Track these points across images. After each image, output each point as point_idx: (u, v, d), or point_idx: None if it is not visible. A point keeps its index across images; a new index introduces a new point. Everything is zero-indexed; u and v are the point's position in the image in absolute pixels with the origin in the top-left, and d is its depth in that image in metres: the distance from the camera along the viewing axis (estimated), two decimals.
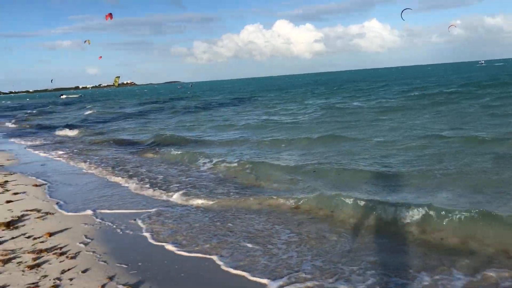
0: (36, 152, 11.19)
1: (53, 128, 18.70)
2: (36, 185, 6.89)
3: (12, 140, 14.73)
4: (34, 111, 34.46)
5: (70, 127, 17.65)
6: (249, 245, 4.04)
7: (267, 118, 16.53)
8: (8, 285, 3.26)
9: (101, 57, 39.90)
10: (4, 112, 38.19)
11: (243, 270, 3.51)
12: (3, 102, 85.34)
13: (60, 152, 10.83)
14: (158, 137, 12.46)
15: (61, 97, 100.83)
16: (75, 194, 6.43)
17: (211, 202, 5.61)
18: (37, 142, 13.54)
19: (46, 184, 7.04)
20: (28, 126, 21.46)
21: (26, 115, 29.94)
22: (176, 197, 5.95)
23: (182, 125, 16.64)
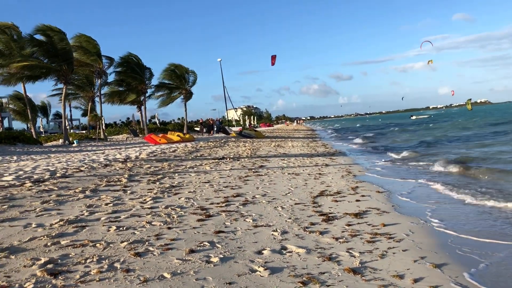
0: (382, 166, 13.34)
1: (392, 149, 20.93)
2: (379, 192, 8.66)
3: (362, 156, 17.75)
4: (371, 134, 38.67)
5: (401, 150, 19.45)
6: None
7: None
8: (335, 254, 4.89)
9: (431, 61, 41.01)
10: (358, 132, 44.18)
11: None
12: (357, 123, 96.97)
13: (402, 169, 12.56)
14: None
15: (411, 117, 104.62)
16: (410, 201, 7.84)
17: None
18: (376, 158, 15.84)
19: (386, 191, 8.74)
20: (370, 146, 24.75)
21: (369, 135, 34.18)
22: None
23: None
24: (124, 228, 5.56)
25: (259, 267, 4.21)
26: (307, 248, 4.85)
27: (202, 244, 4.92)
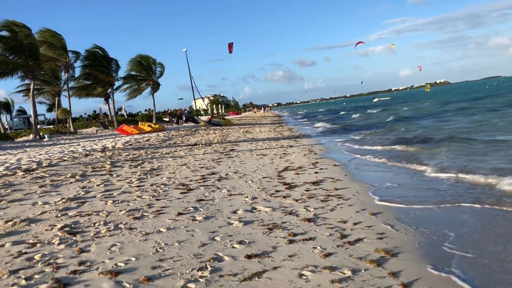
0: (340, 145, 14.73)
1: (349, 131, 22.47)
2: (335, 165, 9.93)
3: (323, 138, 19.15)
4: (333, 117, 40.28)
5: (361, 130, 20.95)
6: None
7: None
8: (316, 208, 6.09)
9: (393, 44, 43.09)
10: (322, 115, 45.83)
11: None
12: (321, 108, 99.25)
13: (355, 147, 14.00)
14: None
15: (374, 100, 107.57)
16: (359, 171, 9.17)
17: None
18: (340, 139, 17.26)
19: (341, 165, 10.03)
20: (331, 128, 26.25)
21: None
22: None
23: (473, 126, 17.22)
24: (119, 201, 6.59)
25: (235, 221, 5.35)
26: (272, 207, 6.02)
27: (187, 209, 6.02)
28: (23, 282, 3.56)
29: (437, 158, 10.10)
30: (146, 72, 43.91)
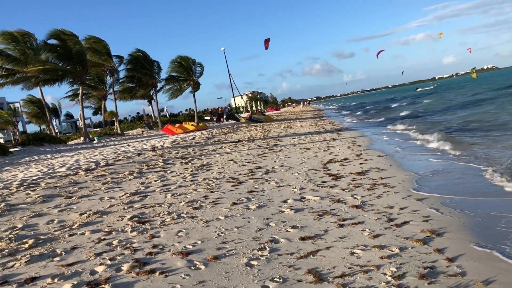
0: (384, 136, 14.80)
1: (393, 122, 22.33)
2: (380, 156, 10.13)
3: (366, 129, 19.20)
4: (376, 109, 39.76)
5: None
6: None
7: None
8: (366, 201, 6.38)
9: (441, 33, 41.62)
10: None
11: None
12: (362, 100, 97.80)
13: (399, 138, 14.04)
14: None
15: (417, 90, 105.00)
16: (406, 161, 9.33)
17: None
18: (383, 130, 17.29)
19: (386, 155, 10.20)
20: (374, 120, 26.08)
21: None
22: None
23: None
24: (178, 194, 7.14)
25: (286, 209, 5.73)
26: (320, 196, 6.37)
27: (240, 199, 6.47)
28: (108, 262, 4.10)
29: (490, 151, 10.04)
30: (186, 73, 45.00)
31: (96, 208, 6.50)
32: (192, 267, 3.85)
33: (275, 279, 3.48)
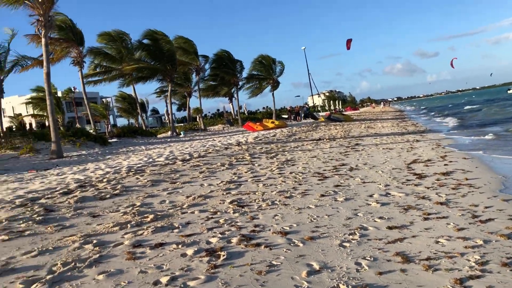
0: (470, 139, 14.47)
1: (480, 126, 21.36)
2: (465, 158, 10.10)
3: (451, 132, 18.70)
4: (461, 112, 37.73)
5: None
6: None
7: None
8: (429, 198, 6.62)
9: None
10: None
11: None
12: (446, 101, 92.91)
13: (487, 142, 13.67)
14: None
15: (508, 91, 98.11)
16: (492, 164, 9.26)
17: None
18: (470, 133, 16.78)
19: (472, 158, 10.14)
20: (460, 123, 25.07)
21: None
22: None
23: None
24: (268, 185, 7.83)
25: (372, 202, 6.17)
26: (405, 193, 6.70)
27: (327, 192, 6.99)
28: (219, 236, 4.85)
29: None
30: (266, 71, 46.05)
31: (199, 193, 7.37)
32: (292, 244, 4.47)
33: (366, 258, 3.99)
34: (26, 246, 4.90)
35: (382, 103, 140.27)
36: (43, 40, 18.39)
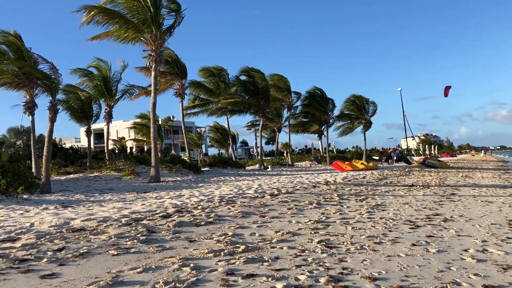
0: None
1: None
2: None
3: None
4: None
5: None
6: None
7: None
8: None
9: None
10: None
11: None
12: None
13: None
14: None
15: None
16: None
17: None
18: None
19: None
20: None
21: None
22: None
23: None
24: (357, 228, 7.81)
25: (467, 257, 5.90)
26: (505, 251, 6.30)
27: (419, 242, 6.81)
28: (308, 274, 4.99)
29: None
30: (359, 111, 45.65)
31: (287, 229, 7.59)
32: None
33: None
34: (132, 262, 5.46)
35: (482, 151, 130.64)
36: (152, 73, 20.26)
